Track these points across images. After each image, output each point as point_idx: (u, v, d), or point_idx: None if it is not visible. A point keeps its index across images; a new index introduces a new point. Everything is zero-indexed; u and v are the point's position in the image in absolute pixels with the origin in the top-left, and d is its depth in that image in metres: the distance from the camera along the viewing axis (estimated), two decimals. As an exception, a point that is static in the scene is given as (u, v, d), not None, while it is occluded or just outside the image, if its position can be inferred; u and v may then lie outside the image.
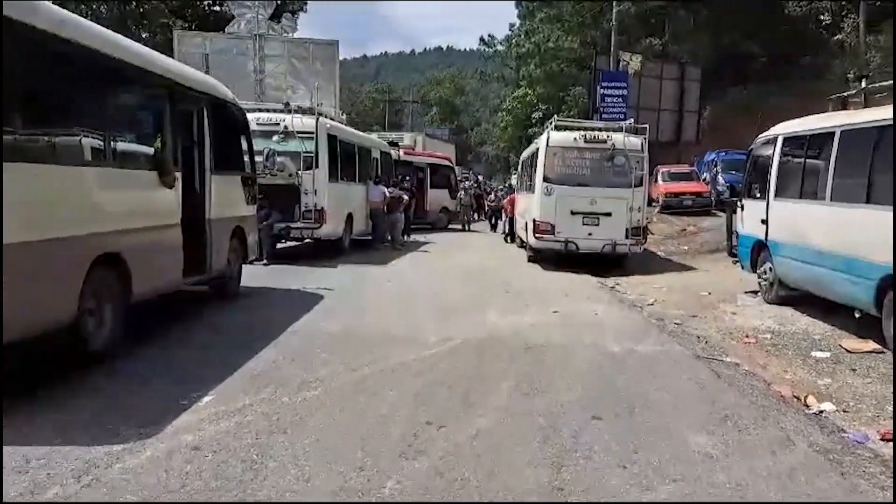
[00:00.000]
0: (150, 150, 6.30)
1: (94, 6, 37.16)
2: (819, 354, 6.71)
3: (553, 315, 8.23)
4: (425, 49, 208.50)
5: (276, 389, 4.82)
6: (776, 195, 8.64)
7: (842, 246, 7.13)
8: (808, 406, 5.22)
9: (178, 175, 6.65)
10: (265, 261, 12.05)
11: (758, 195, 9.25)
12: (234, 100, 8.52)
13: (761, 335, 7.50)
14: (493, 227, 23.52)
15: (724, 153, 24.07)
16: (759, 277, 9.31)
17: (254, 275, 10.19)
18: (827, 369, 6.25)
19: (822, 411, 5.08)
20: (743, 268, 9.95)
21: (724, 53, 34.39)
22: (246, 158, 8.96)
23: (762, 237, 8.96)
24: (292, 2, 40.26)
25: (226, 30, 27.12)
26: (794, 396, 5.46)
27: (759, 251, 9.23)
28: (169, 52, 24.37)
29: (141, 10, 36.91)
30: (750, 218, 9.44)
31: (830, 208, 7.37)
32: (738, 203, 9.86)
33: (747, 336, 7.46)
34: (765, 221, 8.85)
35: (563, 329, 7.42)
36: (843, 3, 32.88)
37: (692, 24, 36.23)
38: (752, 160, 9.68)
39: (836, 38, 32.66)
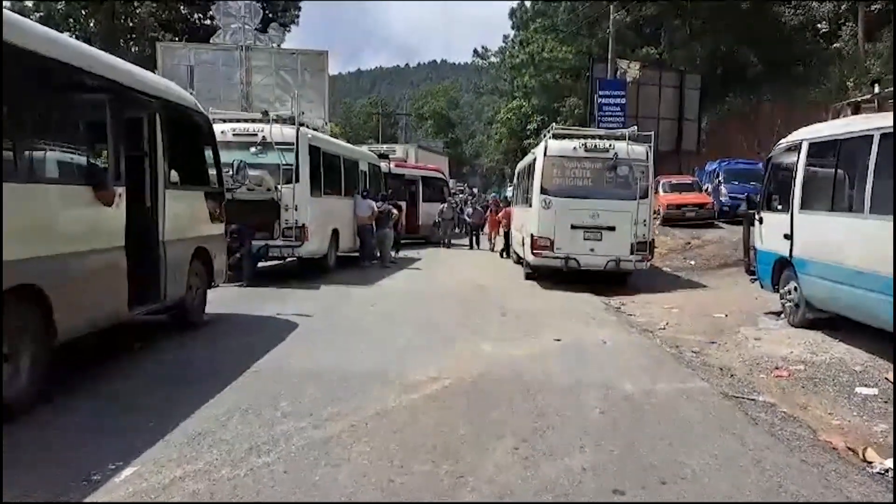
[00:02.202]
0: (83, 162, 5.38)
1: (81, 21, 36.63)
2: (865, 391, 5.80)
3: (555, 344, 7.30)
4: (419, 63, 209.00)
5: (218, 456, 3.88)
6: (802, 207, 7.74)
7: (883, 264, 6.21)
8: (868, 462, 4.31)
9: (122, 190, 5.74)
10: (244, 283, 11.16)
11: (779, 207, 8.36)
12: (196, 105, 7.61)
13: (793, 366, 6.58)
14: (472, 245, 21.87)
15: (726, 162, 23.26)
16: (782, 298, 8.40)
17: (226, 299, 9.29)
18: (878, 410, 5.34)
19: (888, 470, 4.16)
20: (762, 287, 9.05)
21: (721, 62, 33.83)
22: (211, 171, 8.05)
23: (785, 254, 8.07)
24: (283, 14, 39.66)
25: (211, 40, 26.34)
26: (850, 449, 4.55)
27: (782, 269, 8.33)
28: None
29: (130, 24, 36.33)
30: (770, 232, 8.55)
31: (869, 221, 6.48)
32: (756, 216, 8.96)
33: (777, 368, 6.54)
34: (788, 236, 7.95)
35: (568, 362, 6.48)
36: (841, 11, 32.37)
37: (688, 33, 35.69)
38: (771, 169, 8.80)
39: (834, 46, 32.09)
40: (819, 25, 33.68)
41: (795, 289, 8.00)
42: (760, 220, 8.85)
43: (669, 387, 5.67)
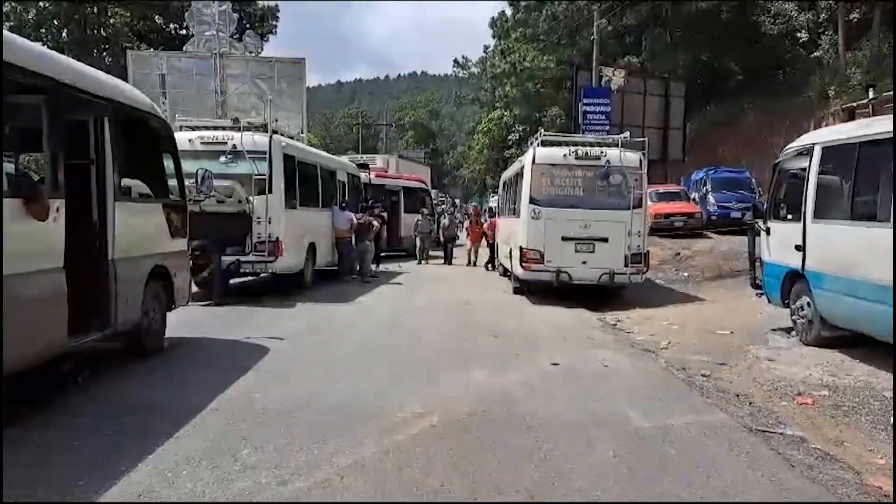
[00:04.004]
0: (9, 170, 4.63)
1: (53, 31, 35.75)
2: (902, 421, 5.19)
3: (552, 368, 6.63)
4: (399, 75, 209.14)
5: (157, 528, 3.15)
6: (815, 216, 7.18)
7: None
8: (929, 513, 3.69)
9: (60, 203, 4.98)
10: (214, 300, 10.39)
11: (789, 216, 7.80)
12: (153, 108, 6.87)
13: (816, 392, 5.97)
14: (447, 260, 19.88)
15: (713, 170, 22.89)
16: (793, 314, 7.82)
17: (192, 321, 8.52)
18: (922, 445, 4.73)
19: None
20: (770, 301, 8.47)
21: (701, 71, 33.66)
22: (172, 182, 7.30)
23: (797, 266, 7.49)
24: (261, 25, 38.97)
25: (184, 48, 25.53)
26: (903, 496, 3.92)
27: (792, 282, 7.76)
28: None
29: (104, 34, 35.55)
30: (779, 243, 7.99)
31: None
32: (763, 225, 8.39)
33: (800, 394, 5.93)
34: (800, 247, 7.38)
35: (569, 392, 5.81)
36: (820, 20, 32.36)
37: (669, 41, 35.55)
38: (778, 175, 8.24)
39: (813, 55, 32.06)
40: (799, 34, 33.67)
41: (808, 304, 7.42)
42: (767, 230, 8.28)
43: (686, 420, 5.02)
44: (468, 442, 4.42)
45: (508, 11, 43.16)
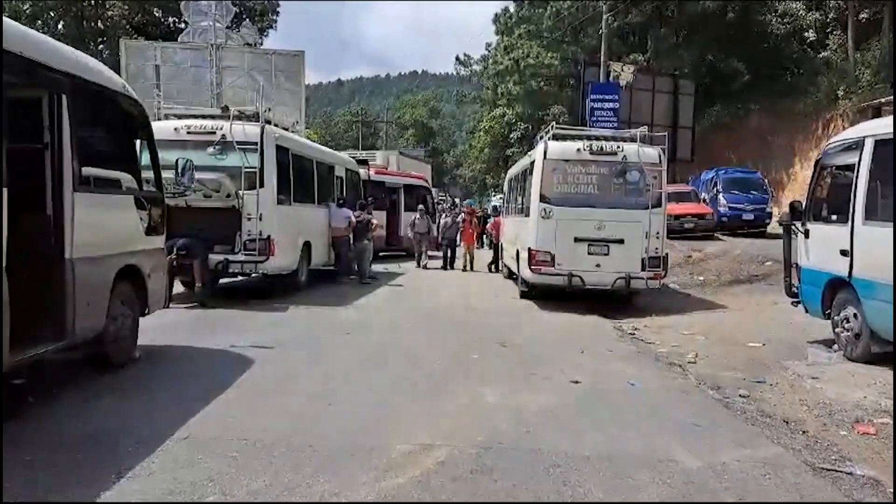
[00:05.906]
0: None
1: (50, 23, 35.07)
2: None
3: (573, 387, 5.87)
4: (400, 73, 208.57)
5: None
6: (867, 217, 6.42)
7: None
8: None
9: (2, 191, 4.22)
10: (198, 302, 9.66)
11: (833, 218, 7.04)
12: (125, 88, 6.09)
13: (877, 419, 5.21)
14: (448, 263, 17.85)
15: (723, 171, 22.19)
16: (835, 326, 7.06)
17: (172, 326, 7.82)
18: None
19: None
20: (808, 311, 7.71)
21: (707, 70, 32.95)
22: (148, 173, 6.52)
23: (842, 273, 6.73)
24: (260, 19, 38.23)
25: (179, 39, 24.77)
26: None
27: (835, 291, 7.01)
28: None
29: (102, 26, 34.89)
30: (821, 247, 7.23)
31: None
32: (801, 228, 7.63)
33: (857, 421, 5.17)
34: (847, 252, 6.62)
35: (597, 418, 5.03)
36: (828, 20, 31.70)
37: (675, 41, 34.83)
38: (820, 172, 7.48)
39: (821, 55, 31.37)
40: (806, 34, 32.96)
41: (855, 316, 6.66)
42: (806, 233, 7.52)
43: (738, 456, 4.26)
44: (483, 485, 3.66)
45: (512, 8, 42.44)
